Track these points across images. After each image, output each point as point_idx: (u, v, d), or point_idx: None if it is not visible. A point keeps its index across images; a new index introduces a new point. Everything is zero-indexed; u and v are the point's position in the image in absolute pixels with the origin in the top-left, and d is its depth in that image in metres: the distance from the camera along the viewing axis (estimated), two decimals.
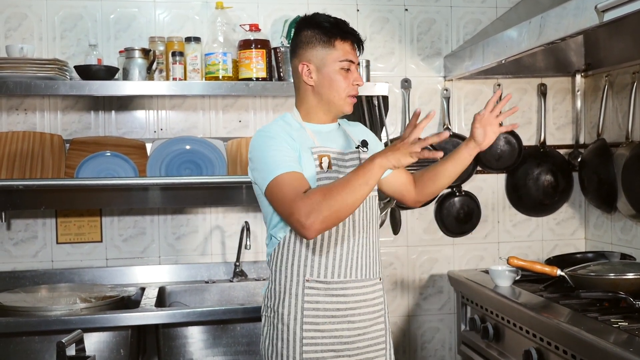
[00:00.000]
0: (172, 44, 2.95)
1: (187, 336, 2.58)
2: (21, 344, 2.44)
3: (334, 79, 2.00)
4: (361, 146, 2.09)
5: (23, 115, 3.01)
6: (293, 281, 2.01)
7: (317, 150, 1.99)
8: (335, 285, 1.99)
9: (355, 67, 2.03)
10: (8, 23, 2.99)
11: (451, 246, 3.38)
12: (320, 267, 1.99)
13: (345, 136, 2.13)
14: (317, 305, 1.99)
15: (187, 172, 2.98)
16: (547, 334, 2.23)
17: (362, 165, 1.83)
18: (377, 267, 2.09)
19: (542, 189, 3.39)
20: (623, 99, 3.08)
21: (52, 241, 3.05)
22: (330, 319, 1.99)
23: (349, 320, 2.00)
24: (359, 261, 2.02)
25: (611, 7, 1.89)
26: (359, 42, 2.05)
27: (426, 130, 3.31)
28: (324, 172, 1.97)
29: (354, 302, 2.01)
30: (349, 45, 2.01)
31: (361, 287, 2.03)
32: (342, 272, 2.00)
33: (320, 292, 1.99)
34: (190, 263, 3.12)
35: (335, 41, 2.00)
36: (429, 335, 3.35)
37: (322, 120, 2.08)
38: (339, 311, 1.99)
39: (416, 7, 3.30)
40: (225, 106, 3.16)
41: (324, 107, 2.05)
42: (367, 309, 2.04)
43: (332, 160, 2.00)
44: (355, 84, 2.02)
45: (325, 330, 1.99)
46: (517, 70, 3.26)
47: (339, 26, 2.02)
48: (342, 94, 2.02)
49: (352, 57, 2.01)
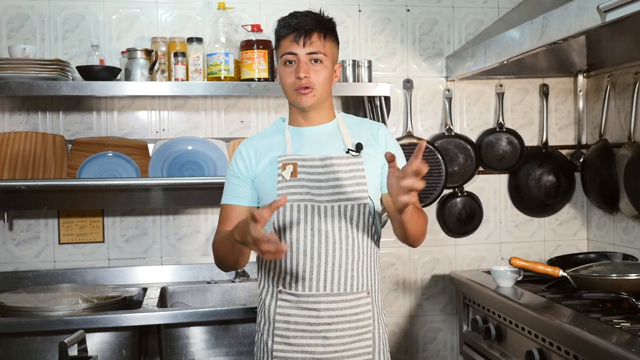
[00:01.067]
0: (174, 45, 2.96)
1: (189, 336, 2.58)
2: (23, 344, 2.44)
3: (280, 74, 1.99)
4: (352, 150, 1.99)
5: (25, 116, 3.02)
6: (268, 292, 2.00)
7: (283, 159, 1.96)
8: (306, 299, 1.93)
9: (304, 58, 1.93)
10: (10, 23, 2.99)
11: (453, 247, 3.37)
12: (292, 278, 1.94)
13: (339, 138, 2.03)
14: (288, 317, 1.94)
15: (189, 172, 2.99)
16: (549, 334, 2.23)
17: (231, 232, 1.83)
18: (364, 280, 1.97)
19: (544, 190, 3.39)
20: (625, 100, 3.07)
21: (54, 241, 3.06)
22: (302, 333, 1.93)
23: (323, 336, 1.92)
24: (335, 275, 1.93)
25: (613, 7, 1.89)
26: (306, 32, 1.93)
27: (428, 131, 3.31)
28: (285, 181, 1.94)
29: (327, 317, 1.92)
30: (289, 40, 1.94)
31: (339, 302, 1.93)
32: (314, 285, 1.92)
33: (292, 305, 1.94)
34: (192, 263, 3.12)
35: (280, 39, 1.97)
36: (431, 336, 3.35)
37: (302, 123, 2.03)
38: (311, 326, 1.93)
39: (418, 8, 3.30)
40: (227, 107, 3.16)
41: (293, 107, 2.03)
42: (345, 324, 1.94)
43: (300, 167, 1.94)
44: (298, 77, 1.92)
45: (296, 345, 1.93)
46: (519, 70, 3.26)
47: (283, 22, 1.98)
48: (289, 88, 1.96)
49: (291, 50, 1.93)
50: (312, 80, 1.94)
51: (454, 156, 3.31)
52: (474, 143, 3.34)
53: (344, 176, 1.95)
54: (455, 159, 3.31)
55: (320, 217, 1.93)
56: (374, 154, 2.01)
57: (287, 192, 1.93)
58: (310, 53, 1.93)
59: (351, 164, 1.97)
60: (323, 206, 1.93)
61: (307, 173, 1.95)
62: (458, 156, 3.31)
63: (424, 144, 1.70)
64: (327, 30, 1.98)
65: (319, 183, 1.95)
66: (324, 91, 1.98)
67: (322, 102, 2.01)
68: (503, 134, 3.35)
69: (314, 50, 1.93)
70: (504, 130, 3.35)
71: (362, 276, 1.97)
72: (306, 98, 1.95)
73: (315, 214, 1.93)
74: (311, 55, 1.94)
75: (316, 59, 1.94)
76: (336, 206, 1.94)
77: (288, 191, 1.93)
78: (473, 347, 2.90)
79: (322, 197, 1.94)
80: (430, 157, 3.25)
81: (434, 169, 3.25)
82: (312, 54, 1.94)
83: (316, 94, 1.96)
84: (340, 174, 1.95)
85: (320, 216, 1.93)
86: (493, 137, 3.34)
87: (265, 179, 1.98)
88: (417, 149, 1.66)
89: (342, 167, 1.96)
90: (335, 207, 1.94)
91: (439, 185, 3.26)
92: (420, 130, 3.31)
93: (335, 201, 1.93)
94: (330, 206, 1.93)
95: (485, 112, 3.37)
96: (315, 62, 1.94)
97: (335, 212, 1.94)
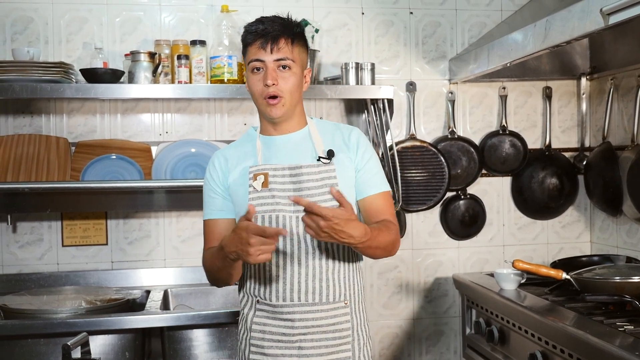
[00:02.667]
0: (177, 47, 2.96)
1: (192, 339, 2.58)
2: (27, 346, 2.44)
3: (248, 82, 1.94)
4: (324, 157, 1.93)
5: (29, 119, 3.02)
6: (247, 302, 1.98)
7: (254, 169, 1.93)
8: (282, 309, 1.90)
9: (271, 65, 1.88)
10: (14, 26, 3.00)
11: (456, 249, 3.37)
12: (267, 288, 1.92)
13: (311, 146, 1.98)
14: (264, 327, 1.92)
15: (192, 175, 2.99)
16: (552, 337, 2.22)
17: (221, 246, 1.81)
18: (342, 289, 1.93)
19: (548, 192, 3.39)
20: (628, 102, 3.07)
21: (58, 244, 3.06)
22: (277, 344, 1.90)
23: (298, 347, 1.89)
24: (309, 284, 1.89)
25: (616, 10, 1.89)
26: (273, 39, 1.88)
27: (431, 133, 3.31)
28: (256, 192, 1.91)
29: (302, 327, 1.88)
30: (256, 46, 1.89)
31: (314, 312, 1.89)
32: (288, 295, 1.89)
33: (268, 315, 1.92)
34: (195, 266, 3.12)
35: (247, 46, 1.92)
36: (434, 339, 3.35)
37: (272, 132, 1.99)
38: (285, 336, 1.89)
39: (421, 11, 3.30)
40: (231, 109, 3.16)
41: (262, 115, 1.99)
42: (321, 335, 1.89)
43: (270, 177, 1.91)
44: (265, 85, 1.87)
45: (271, 355, 1.90)
46: (522, 73, 3.26)
47: (249, 27, 1.93)
48: (258, 97, 1.92)
49: (258, 57, 1.88)
50: (280, 88, 1.89)
51: (457, 159, 3.31)
52: (477, 146, 3.33)
53: (314, 184, 1.91)
54: (459, 162, 3.31)
55: (291, 227, 1.89)
56: (345, 159, 1.97)
57: (257, 203, 1.90)
58: (277, 60, 1.89)
59: (322, 172, 1.92)
60: (295, 216, 1.89)
61: (278, 183, 1.92)
62: (461, 159, 3.31)
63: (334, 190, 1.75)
64: (295, 36, 1.93)
65: (290, 192, 1.91)
66: (293, 99, 1.93)
67: (292, 110, 1.96)
68: (506, 137, 3.35)
69: (281, 56, 1.89)
70: (507, 133, 3.35)
71: (339, 286, 1.94)
72: (275, 109, 1.91)
73: (287, 225, 1.89)
74: (279, 62, 1.89)
75: (284, 65, 1.89)
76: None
77: (259, 202, 1.91)
78: (476, 349, 2.90)
79: (293, 206, 1.90)
80: (434, 159, 3.25)
81: (437, 171, 3.25)
82: (279, 60, 1.89)
83: (285, 102, 1.91)
84: (311, 183, 1.91)
85: (292, 226, 1.89)
86: (496, 139, 3.34)
87: (237, 189, 1.96)
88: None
89: (313, 175, 1.92)
90: None
91: (442, 188, 3.26)
92: (423, 132, 3.31)
93: (306, 210, 1.80)
94: (301, 215, 1.80)
95: (488, 115, 3.37)
96: (283, 68, 1.89)
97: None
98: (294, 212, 1.89)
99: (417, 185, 3.26)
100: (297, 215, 1.88)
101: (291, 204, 1.89)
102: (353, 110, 3.23)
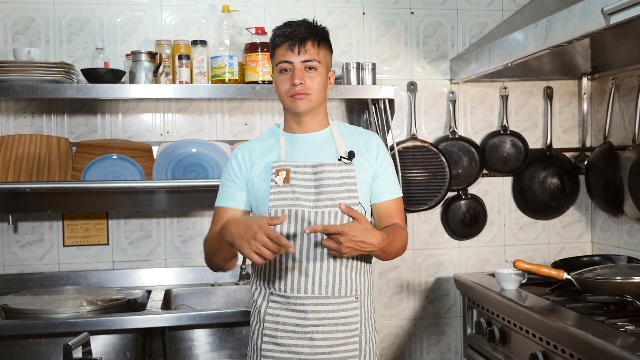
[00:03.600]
0: (178, 47, 2.96)
1: (193, 339, 2.58)
2: (28, 346, 2.45)
3: (276, 81, 2.04)
4: (345, 158, 2.03)
5: (30, 119, 3.02)
6: (260, 293, 2.05)
7: (277, 165, 2.01)
8: (295, 300, 1.97)
9: (299, 66, 1.98)
10: (15, 26, 3.00)
11: (457, 249, 3.37)
12: (281, 281, 1.99)
13: (332, 146, 2.07)
14: (277, 318, 1.99)
15: (193, 175, 2.99)
16: (553, 337, 2.22)
17: (221, 232, 1.88)
18: (353, 285, 2.02)
19: (549, 192, 3.39)
20: (630, 102, 3.07)
21: (59, 244, 3.06)
22: (290, 334, 1.97)
23: (310, 337, 1.96)
24: (323, 278, 1.97)
25: (617, 10, 1.89)
26: (300, 41, 1.99)
27: (432, 133, 3.31)
28: (278, 187, 1.99)
29: (315, 318, 1.96)
30: (284, 48, 2.00)
31: (326, 305, 1.97)
32: (302, 287, 1.97)
33: (282, 307, 1.99)
34: (196, 266, 3.12)
35: (275, 48, 2.03)
36: (435, 339, 3.35)
37: (296, 130, 2.08)
38: (298, 327, 1.97)
39: (422, 11, 3.30)
40: (232, 109, 3.17)
41: (288, 113, 2.08)
42: (332, 327, 1.98)
43: (292, 174, 2.00)
44: (291, 84, 1.98)
45: (284, 345, 1.98)
46: (523, 73, 3.26)
47: (277, 31, 2.04)
48: (284, 95, 2.01)
49: (287, 58, 1.99)
50: (307, 86, 1.99)
51: (458, 159, 3.31)
52: (478, 146, 3.34)
53: (334, 182, 2.00)
54: (460, 162, 3.31)
55: (310, 222, 1.97)
56: (365, 163, 2.06)
57: (278, 197, 1.98)
58: (304, 61, 1.99)
59: (342, 171, 2.01)
60: (314, 212, 1.98)
61: (299, 179, 2.00)
62: (462, 159, 3.31)
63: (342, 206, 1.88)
64: (321, 39, 2.03)
65: (310, 189, 2.00)
66: (319, 97, 2.03)
67: (317, 108, 2.05)
68: (507, 137, 3.35)
69: (308, 58, 1.99)
70: (508, 133, 3.35)
71: (351, 281, 2.01)
72: (301, 103, 2.00)
73: (305, 220, 1.97)
74: (306, 63, 1.99)
75: (310, 66, 1.99)
76: (326, 212, 1.98)
77: (279, 196, 1.98)
78: (477, 349, 2.90)
79: (312, 202, 1.99)
80: (434, 159, 3.25)
81: (438, 171, 3.25)
82: (306, 61, 1.99)
83: (311, 99, 2.00)
84: (332, 181, 2.00)
85: (311, 222, 1.97)
86: (497, 139, 3.34)
87: (259, 184, 2.03)
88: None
89: (334, 174, 2.01)
90: (326, 213, 1.98)
91: (443, 188, 3.27)
92: (424, 132, 3.31)
93: (325, 207, 1.98)
94: (320, 212, 1.98)
95: (489, 115, 3.37)
96: (309, 69, 1.99)
97: (325, 218, 1.98)
98: (313, 208, 1.98)
99: (418, 185, 3.26)
100: (316, 211, 1.97)
101: (310, 199, 1.98)
102: (354, 110, 3.23)
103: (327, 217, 1.98)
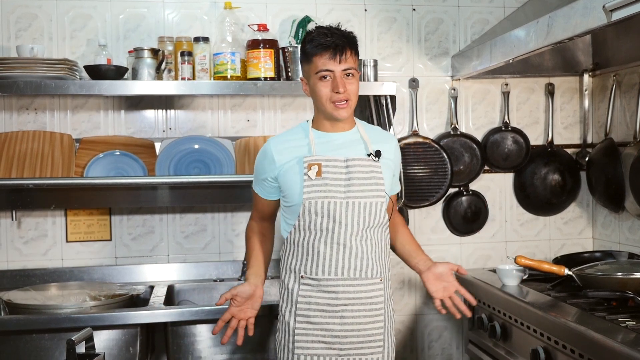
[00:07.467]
0: (180, 44, 2.97)
1: (195, 334, 2.59)
2: (31, 341, 2.46)
3: (315, 89, 2.17)
4: (373, 155, 2.21)
5: (33, 115, 3.03)
6: (291, 278, 2.23)
7: (309, 159, 2.17)
8: (326, 282, 2.16)
9: (339, 74, 2.13)
10: (18, 23, 3.01)
11: (458, 245, 3.38)
12: (312, 265, 2.18)
13: (361, 144, 2.25)
14: (309, 299, 2.18)
15: (195, 171, 3.00)
16: (554, 333, 2.23)
17: (249, 266, 2.34)
18: (378, 268, 2.21)
19: (550, 188, 3.39)
20: (631, 99, 3.07)
21: (62, 240, 3.08)
22: (322, 313, 2.16)
23: (340, 316, 2.16)
24: (352, 262, 2.16)
25: (619, 6, 1.89)
26: (340, 50, 2.13)
27: (434, 130, 3.32)
28: (310, 180, 2.15)
29: (345, 298, 2.16)
30: (325, 57, 2.13)
31: (355, 286, 2.17)
32: (333, 270, 2.16)
33: (313, 289, 2.18)
34: (199, 261, 3.13)
35: (314, 56, 2.15)
36: (436, 334, 3.36)
37: (328, 129, 2.24)
38: (330, 306, 2.16)
39: (424, 7, 3.30)
40: (234, 106, 3.17)
41: (323, 115, 2.22)
42: (360, 306, 2.17)
43: (324, 168, 2.16)
44: (335, 91, 2.13)
45: (316, 323, 2.17)
46: (525, 69, 3.26)
47: (315, 41, 2.15)
48: (326, 102, 2.16)
49: (328, 67, 2.13)
50: (348, 93, 2.15)
51: (460, 155, 3.31)
52: (480, 142, 3.34)
53: (364, 176, 2.18)
54: (461, 158, 3.32)
55: (341, 212, 2.15)
56: (389, 162, 2.27)
57: (311, 190, 2.15)
58: (345, 69, 2.15)
59: (371, 167, 2.20)
60: (345, 202, 2.15)
61: (330, 172, 2.16)
62: (464, 155, 3.32)
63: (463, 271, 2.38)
64: (355, 47, 2.20)
65: (342, 182, 2.17)
66: (356, 101, 2.22)
67: (353, 111, 2.24)
68: (509, 133, 3.35)
69: (348, 66, 2.15)
70: (510, 129, 3.35)
71: (376, 264, 2.21)
72: (344, 111, 2.17)
73: (336, 210, 2.15)
74: (346, 71, 2.15)
75: (349, 73, 2.16)
76: (357, 202, 2.16)
77: (312, 189, 2.15)
78: (478, 345, 2.91)
79: (343, 194, 2.16)
80: (436, 156, 3.25)
81: (439, 168, 3.26)
82: (346, 69, 2.15)
83: (351, 105, 2.19)
84: (361, 174, 2.18)
85: (342, 211, 2.15)
86: (498, 136, 3.35)
87: (290, 177, 2.20)
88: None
89: (364, 168, 2.19)
90: (356, 204, 2.16)
91: (445, 184, 3.27)
92: (426, 129, 3.32)
93: (355, 198, 2.16)
94: (351, 202, 2.15)
95: (490, 111, 3.38)
96: (347, 76, 2.16)
97: (355, 208, 2.16)
98: (344, 199, 2.16)
99: (420, 182, 3.26)
100: (347, 202, 2.16)
101: (341, 191, 2.16)
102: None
103: (358, 207, 2.15)
